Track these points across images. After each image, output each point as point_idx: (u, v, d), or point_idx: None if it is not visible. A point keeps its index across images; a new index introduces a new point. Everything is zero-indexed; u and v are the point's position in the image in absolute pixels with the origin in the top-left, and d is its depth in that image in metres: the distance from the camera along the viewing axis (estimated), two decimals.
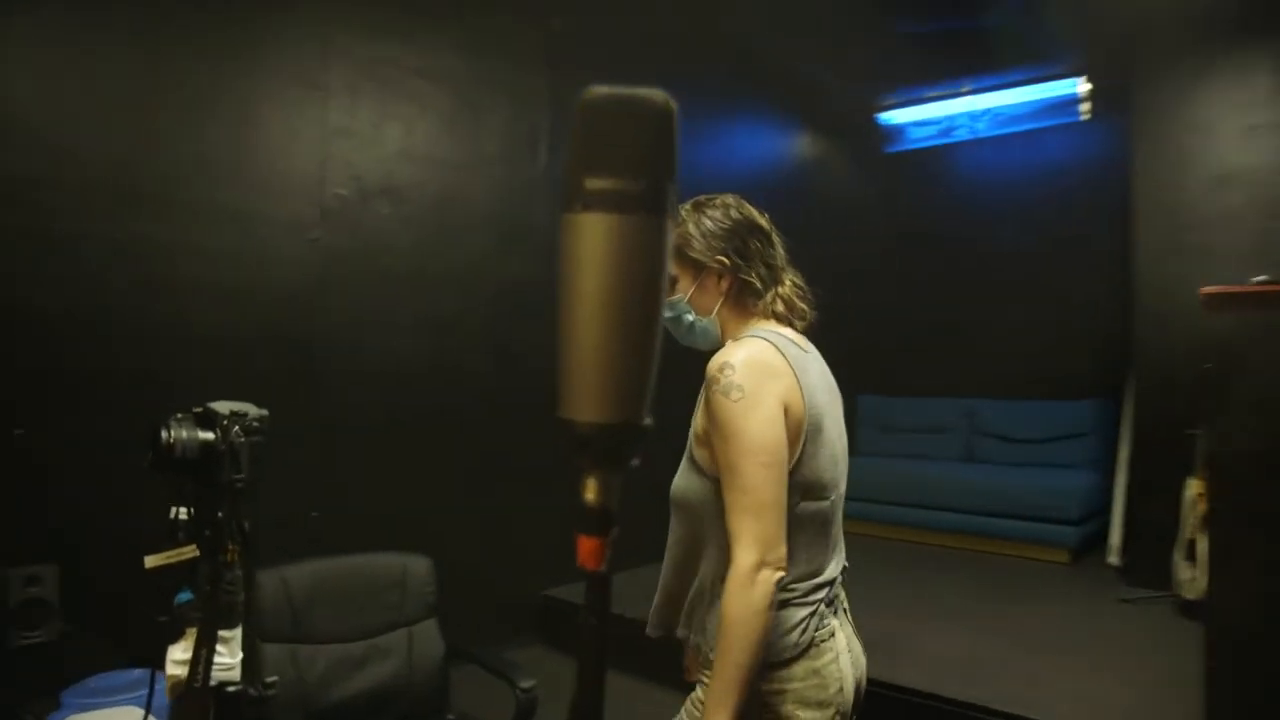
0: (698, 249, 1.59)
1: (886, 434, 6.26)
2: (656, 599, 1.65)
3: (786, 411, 1.45)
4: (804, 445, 1.48)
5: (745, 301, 1.61)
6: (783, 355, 1.50)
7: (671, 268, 1.57)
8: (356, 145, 3.55)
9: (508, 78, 4.12)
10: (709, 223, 1.60)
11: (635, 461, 0.68)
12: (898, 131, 6.47)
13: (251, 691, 1.06)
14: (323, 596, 2.49)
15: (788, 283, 1.63)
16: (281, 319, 3.29)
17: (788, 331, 1.59)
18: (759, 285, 1.60)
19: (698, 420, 1.54)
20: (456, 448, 3.86)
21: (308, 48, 3.36)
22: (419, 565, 2.64)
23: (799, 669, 1.49)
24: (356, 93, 3.54)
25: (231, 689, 1.04)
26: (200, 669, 0.98)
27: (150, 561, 1.10)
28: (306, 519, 3.29)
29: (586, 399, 0.64)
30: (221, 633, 1.03)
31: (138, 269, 2.88)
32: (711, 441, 1.48)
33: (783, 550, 1.42)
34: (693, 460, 1.55)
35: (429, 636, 2.62)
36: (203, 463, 1.00)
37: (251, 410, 1.06)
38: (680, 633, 1.61)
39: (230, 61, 3.14)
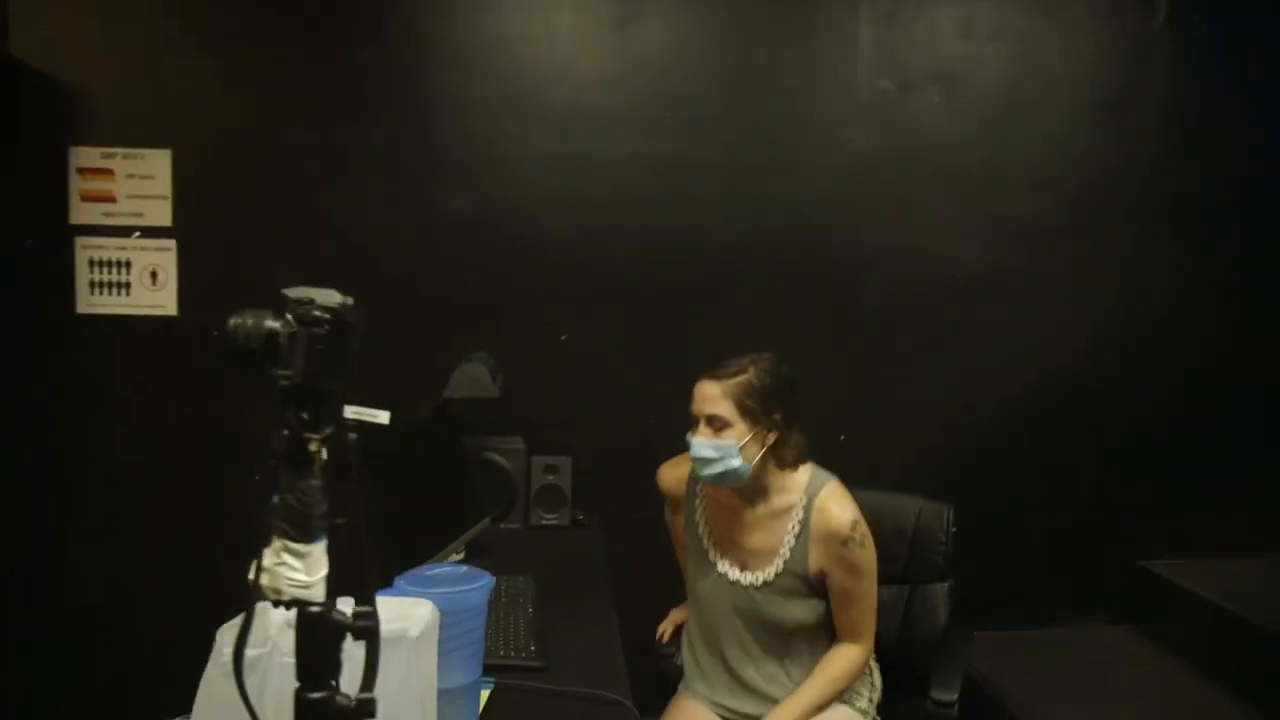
0: (758, 403, 1.84)
1: None
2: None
3: None
4: None
5: (777, 452, 1.90)
6: None
7: (730, 414, 1.83)
8: (899, 32, 3.14)
9: None
10: (770, 379, 1.85)
11: None
12: None
13: (337, 615, 0.94)
14: None
15: (796, 429, 1.94)
16: (816, 232, 3.11)
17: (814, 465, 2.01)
18: (791, 440, 1.92)
19: (811, 563, 1.91)
20: (1021, 374, 3.24)
21: None
22: (936, 515, 2.27)
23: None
24: None
25: (314, 609, 0.94)
26: (254, 576, 0.90)
27: None
28: (838, 442, 3.11)
29: None
30: (297, 546, 0.93)
31: (675, 189, 3.00)
32: (835, 578, 1.91)
33: None
34: (810, 592, 1.94)
35: (930, 597, 2.26)
36: (270, 354, 0.90)
37: (323, 297, 0.92)
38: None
39: None
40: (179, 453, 2.82)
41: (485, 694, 1.61)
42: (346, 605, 1.28)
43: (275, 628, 1.28)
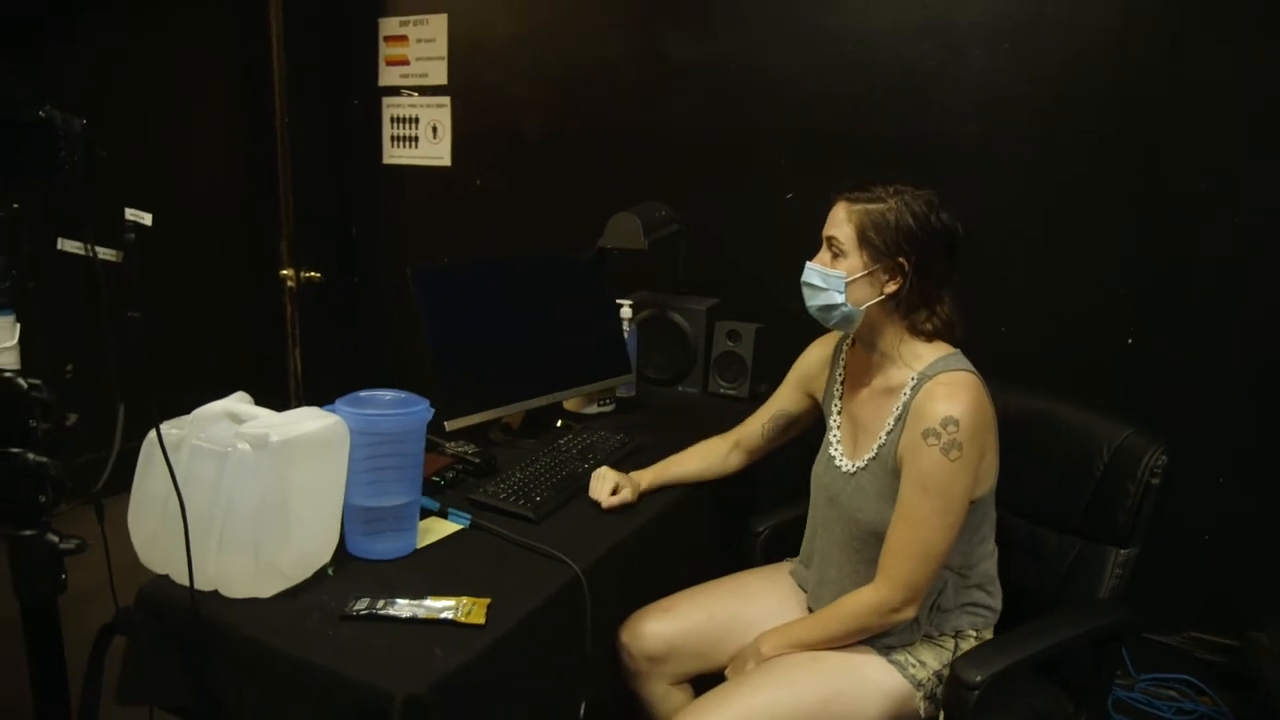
0: (884, 238, 1.52)
1: None
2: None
3: (983, 456, 1.50)
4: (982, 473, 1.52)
5: (900, 309, 1.56)
6: (988, 396, 1.51)
7: (848, 243, 1.54)
8: None
9: None
10: (910, 219, 1.51)
11: None
12: None
13: (20, 382, 1.05)
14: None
15: (947, 300, 1.57)
16: (1113, 60, 2.31)
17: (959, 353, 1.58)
18: (920, 303, 1.55)
19: (898, 453, 1.52)
20: None
21: None
22: (1136, 453, 1.60)
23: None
24: None
25: (5, 375, 1.05)
26: None
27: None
28: (1124, 346, 2.40)
29: None
30: None
31: (927, 13, 2.48)
32: (901, 477, 1.51)
33: (921, 598, 1.51)
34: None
35: (1095, 562, 1.64)
36: None
37: None
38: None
39: None
40: None
41: (457, 527, 1.63)
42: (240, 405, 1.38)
43: (195, 418, 1.45)
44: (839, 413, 1.71)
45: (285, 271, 3.19)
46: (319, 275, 3.18)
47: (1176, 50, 2.22)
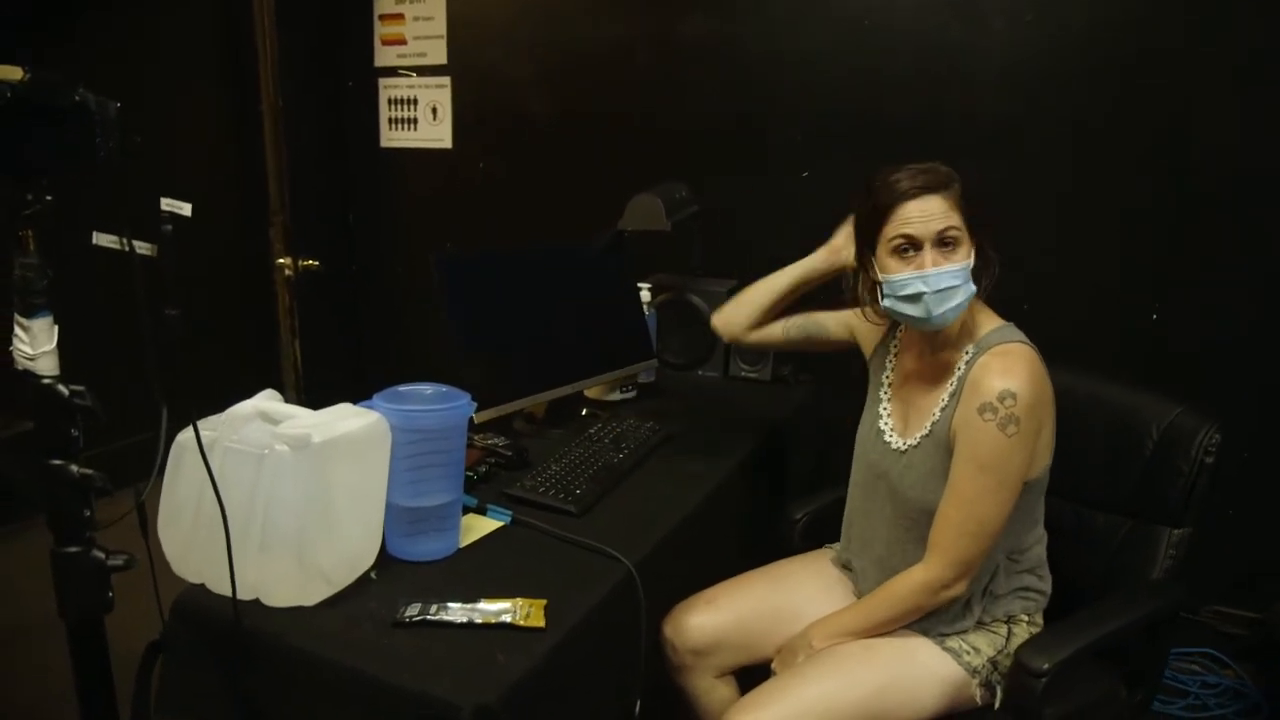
0: (973, 212, 1.47)
1: None
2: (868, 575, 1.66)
3: (1040, 431, 1.46)
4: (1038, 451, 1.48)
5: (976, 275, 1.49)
6: (1044, 368, 1.46)
7: (961, 228, 1.45)
8: None
9: None
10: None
11: None
12: None
13: (61, 389, 0.98)
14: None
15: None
16: (1148, 38, 2.29)
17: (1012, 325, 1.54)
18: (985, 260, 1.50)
19: (955, 428, 1.47)
20: None
21: None
22: (1189, 432, 1.58)
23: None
24: None
25: (43, 382, 0.98)
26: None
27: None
28: (1149, 321, 2.38)
29: None
30: (21, 319, 0.97)
31: None
32: (954, 452, 1.47)
33: (972, 574, 1.48)
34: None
35: (1148, 542, 1.62)
36: None
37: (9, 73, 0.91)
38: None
39: None
40: None
41: (497, 524, 1.57)
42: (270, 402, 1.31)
43: (226, 418, 1.38)
44: (889, 385, 1.66)
45: (282, 260, 3.10)
46: (317, 264, 3.09)
47: (1206, 21, 2.19)
